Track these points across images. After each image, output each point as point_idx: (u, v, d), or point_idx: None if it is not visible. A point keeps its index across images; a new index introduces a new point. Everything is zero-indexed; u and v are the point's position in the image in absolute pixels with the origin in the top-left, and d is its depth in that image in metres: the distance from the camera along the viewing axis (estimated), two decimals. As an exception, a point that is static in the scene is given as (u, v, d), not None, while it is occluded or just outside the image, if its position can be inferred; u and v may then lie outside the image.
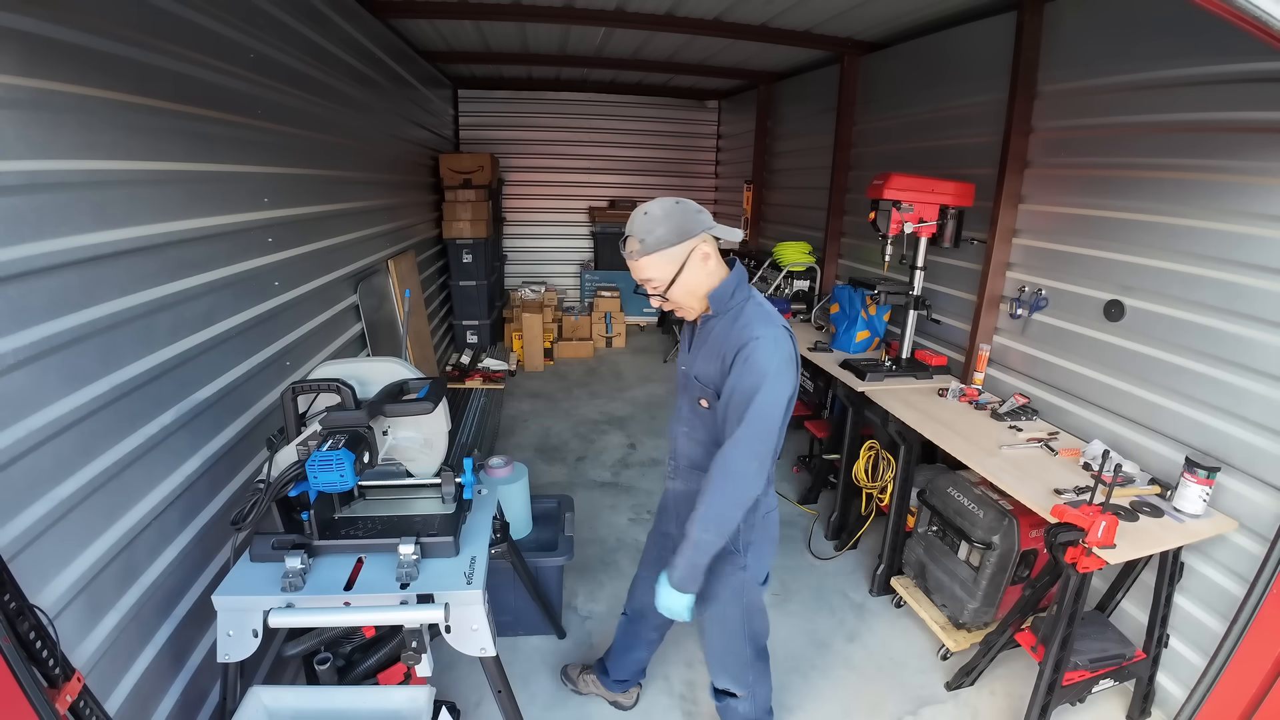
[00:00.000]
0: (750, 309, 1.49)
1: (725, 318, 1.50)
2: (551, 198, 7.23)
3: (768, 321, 1.45)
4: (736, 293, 1.50)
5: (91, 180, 1.41)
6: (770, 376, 1.40)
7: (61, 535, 1.30)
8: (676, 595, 1.55)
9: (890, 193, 2.82)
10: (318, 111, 2.75)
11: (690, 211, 1.44)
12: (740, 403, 1.43)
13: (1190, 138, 2.16)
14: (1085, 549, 1.76)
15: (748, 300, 1.51)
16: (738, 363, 1.42)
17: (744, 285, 1.52)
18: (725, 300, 1.50)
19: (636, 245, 1.43)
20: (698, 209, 1.46)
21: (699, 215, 1.45)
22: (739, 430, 1.43)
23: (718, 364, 1.48)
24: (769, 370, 1.40)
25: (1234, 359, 2.02)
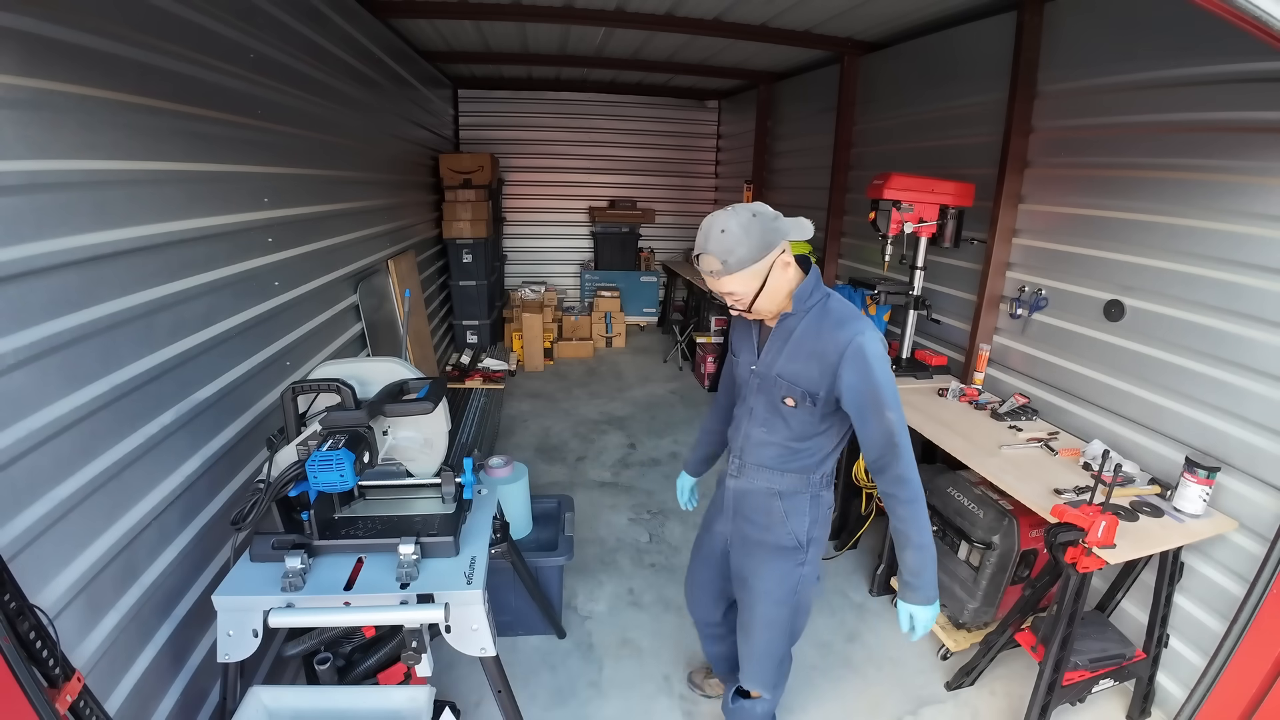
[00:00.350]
0: (834, 305, 1.49)
1: (809, 315, 1.48)
2: (551, 198, 7.23)
3: (857, 317, 1.46)
4: (815, 290, 1.50)
5: (91, 180, 1.41)
6: (882, 364, 1.42)
7: (61, 535, 1.30)
8: (932, 610, 1.52)
9: (890, 193, 2.83)
10: (318, 111, 2.75)
11: (768, 221, 1.39)
12: (875, 396, 1.42)
13: (1190, 138, 2.16)
14: (1085, 549, 1.76)
15: (827, 298, 1.50)
16: (850, 361, 1.41)
17: (820, 284, 1.52)
18: (806, 299, 1.49)
19: (717, 265, 1.39)
20: (773, 215, 1.42)
21: (776, 224, 1.41)
22: (891, 418, 1.42)
23: (815, 363, 1.46)
24: (884, 357, 1.43)
25: (1234, 359, 2.02)
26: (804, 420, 1.53)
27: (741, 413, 1.66)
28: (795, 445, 1.56)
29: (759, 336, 1.59)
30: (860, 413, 1.45)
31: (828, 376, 1.45)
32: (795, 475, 1.59)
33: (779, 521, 1.62)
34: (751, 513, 1.67)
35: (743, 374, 1.64)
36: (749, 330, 1.62)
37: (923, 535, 1.46)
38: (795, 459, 1.58)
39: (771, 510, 1.62)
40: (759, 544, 1.67)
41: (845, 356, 1.41)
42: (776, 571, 1.65)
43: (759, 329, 1.60)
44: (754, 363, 1.58)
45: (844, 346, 1.41)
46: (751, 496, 1.66)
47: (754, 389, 1.59)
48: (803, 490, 1.60)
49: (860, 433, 1.47)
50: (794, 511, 1.61)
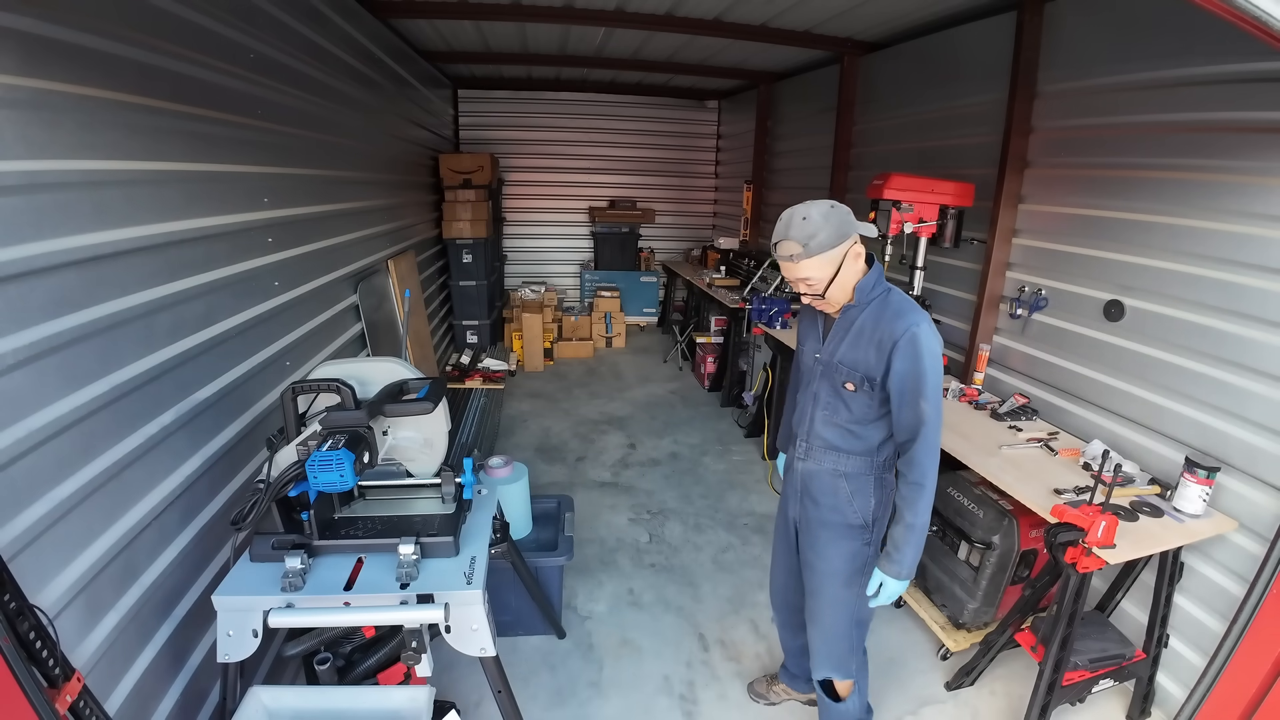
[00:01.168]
0: (894, 298, 1.58)
1: (871, 307, 1.59)
2: (551, 198, 7.23)
3: (916, 309, 1.55)
4: (878, 284, 1.60)
5: (91, 180, 1.41)
6: (932, 357, 1.51)
7: (61, 535, 1.30)
8: (901, 585, 1.62)
9: (890, 193, 2.83)
10: (318, 111, 2.75)
11: (842, 214, 1.52)
12: (916, 385, 1.51)
13: (1190, 138, 2.16)
14: (1085, 549, 1.76)
15: (888, 292, 1.60)
16: (903, 348, 1.51)
17: (883, 276, 1.62)
18: (869, 290, 1.59)
19: (798, 249, 1.50)
20: (847, 210, 1.54)
21: (848, 217, 1.54)
22: (925, 408, 1.51)
23: (873, 351, 1.56)
24: (936, 353, 1.52)
25: (1234, 359, 2.02)
26: (863, 404, 1.62)
27: (806, 398, 1.76)
28: (855, 428, 1.66)
29: (824, 327, 1.71)
30: (900, 397, 1.54)
31: (884, 362, 1.54)
32: (859, 457, 1.68)
33: (845, 501, 1.71)
34: (819, 494, 1.75)
35: (808, 362, 1.75)
36: (815, 322, 1.73)
37: (915, 516, 1.56)
38: (857, 441, 1.67)
39: (838, 490, 1.71)
40: (824, 524, 1.75)
41: (899, 343, 1.51)
42: (844, 550, 1.73)
43: (824, 320, 1.71)
44: (819, 351, 1.69)
45: (900, 334, 1.51)
46: (818, 478, 1.74)
47: (818, 375, 1.70)
48: (866, 472, 1.69)
49: (895, 415, 1.58)
50: (859, 491, 1.70)
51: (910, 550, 1.59)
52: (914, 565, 1.61)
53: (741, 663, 2.42)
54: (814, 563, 1.78)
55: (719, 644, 2.51)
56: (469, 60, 5.26)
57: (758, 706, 2.23)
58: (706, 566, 2.99)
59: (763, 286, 4.72)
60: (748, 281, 5.03)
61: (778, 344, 3.82)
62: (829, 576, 1.75)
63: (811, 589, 1.81)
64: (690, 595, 2.79)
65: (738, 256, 5.78)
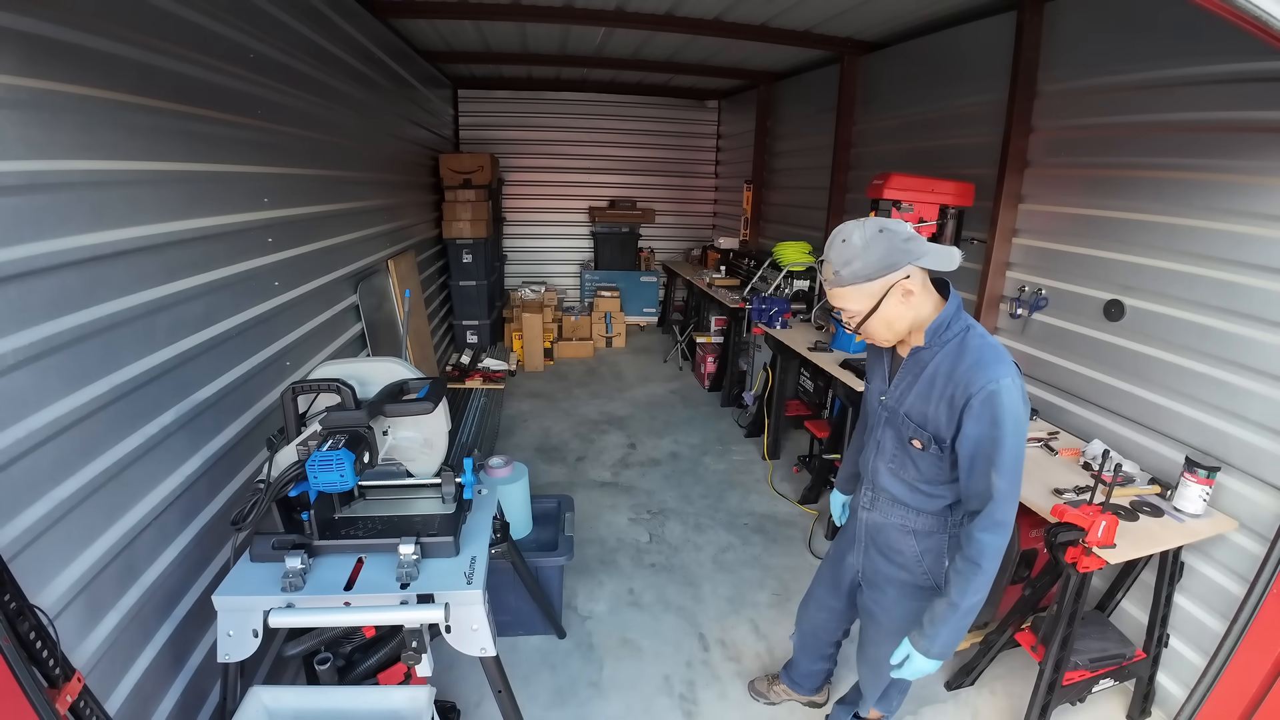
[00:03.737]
0: (973, 341, 1.34)
1: (946, 350, 1.36)
2: (551, 198, 7.23)
3: (1000, 359, 1.30)
4: (954, 323, 1.37)
5: (91, 180, 1.40)
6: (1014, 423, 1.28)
7: (61, 535, 1.30)
8: (932, 664, 1.45)
9: (890, 192, 2.82)
10: (318, 111, 2.75)
11: (895, 242, 1.28)
12: (989, 453, 1.30)
13: (1190, 138, 2.16)
14: (1085, 549, 1.76)
15: (967, 331, 1.36)
16: (977, 409, 1.29)
17: (961, 315, 1.38)
18: (941, 333, 1.37)
19: (831, 274, 1.33)
20: (907, 236, 1.30)
21: (906, 245, 1.29)
22: (997, 482, 1.30)
23: (944, 407, 1.34)
24: (1021, 419, 1.28)
25: (1234, 359, 2.02)
26: (933, 465, 1.43)
27: (870, 444, 1.57)
28: (925, 487, 1.47)
29: (890, 364, 1.49)
30: (969, 463, 1.34)
31: (954, 421, 1.33)
32: (931, 515, 1.50)
33: (914, 560, 1.54)
34: (885, 549, 1.60)
35: (872, 402, 1.56)
36: (881, 355, 1.52)
37: (963, 597, 1.36)
38: (928, 500, 1.49)
39: (906, 547, 1.54)
40: (892, 581, 1.60)
41: (973, 402, 1.29)
42: (910, 610, 1.56)
43: (891, 355, 1.49)
44: (884, 392, 1.50)
45: (975, 391, 1.29)
46: (885, 531, 1.58)
47: (882, 421, 1.51)
48: (939, 530, 1.51)
49: (963, 481, 1.38)
50: (930, 551, 1.53)
51: (947, 631, 1.40)
52: (949, 648, 1.42)
53: (742, 662, 2.42)
54: (878, 615, 1.67)
55: (719, 644, 2.51)
56: (469, 60, 5.26)
57: (758, 706, 2.23)
58: (707, 566, 2.99)
59: (763, 286, 4.72)
60: (748, 281, 5.03)
61: (778, 344, 3.82)
62: (892, 633, 1.59)
63: (870, 638, 1.71)
64: (690, 595, 2.79)
65: (738, 256, 5.78)
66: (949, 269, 1.33)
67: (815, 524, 3.34)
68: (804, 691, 2.18)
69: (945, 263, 1.32)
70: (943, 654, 1.43)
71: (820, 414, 4.00)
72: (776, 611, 2.69)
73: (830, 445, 3.45)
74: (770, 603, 2.74)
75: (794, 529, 3.32)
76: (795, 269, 4.53)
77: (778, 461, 4.05)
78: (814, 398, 4.10)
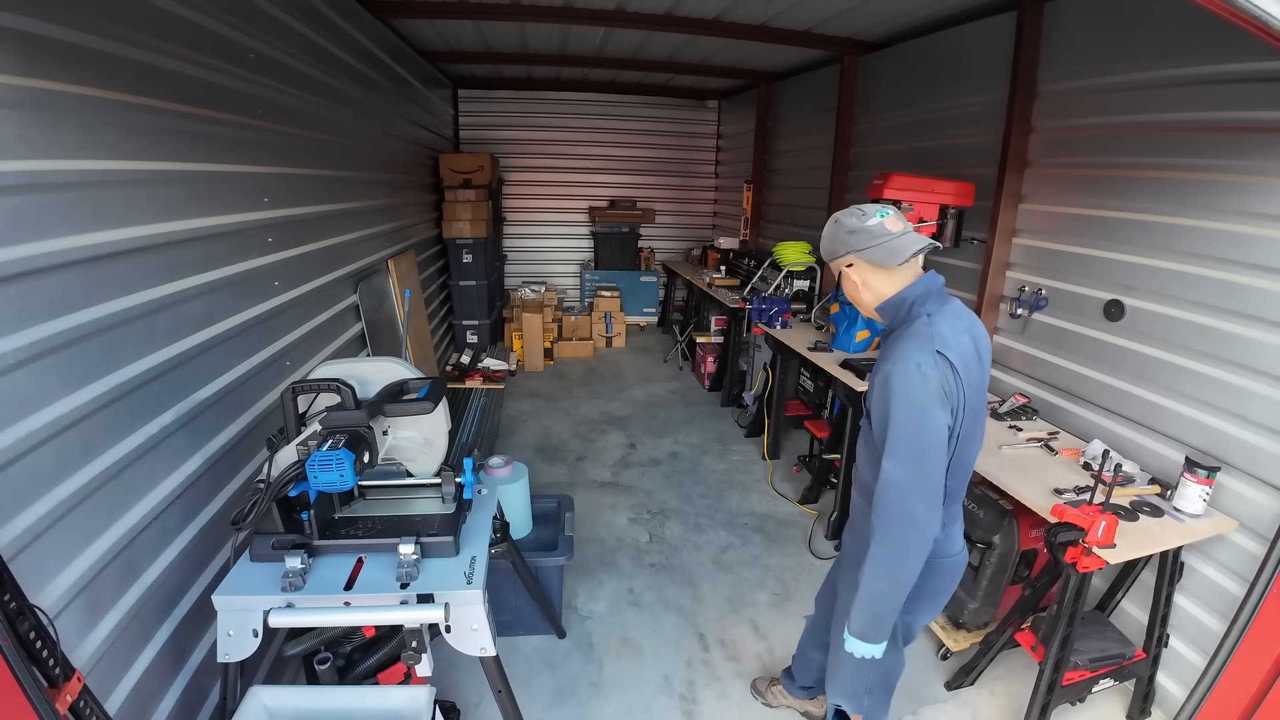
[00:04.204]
0: (919, 328, 1.35)
1: (895, 333, 1.42)
2: (551, 198, 7.23)
3: (918, 346, 1.31)
4: (913, 307, 1.40)
5: (91, 180, 1.41)
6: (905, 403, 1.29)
7: (61, 535, 1.30)
8: (862, 644, 1.48)
9: (890, 192, 2.83)
10: (318, 111, 2.75)
11: (839, 232, 1.43)
12: (882, 437, 1.33)
13: (1190, 138, 2.16)
14: (1085, 549, 1.76)
15: (922, 318, 1.37)
16: (876, 389, 1.36)
17: (926, 301, 1.40)
18: (894, 314, 1.43)
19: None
20: (852, 229, 1.40)
21: (849, 236, 1.41)
22: (888, 467, 1.33)
23: (872, 382, 1.42)
24: (915, 403, 1.28)
25: (1234, 359, 2.02)
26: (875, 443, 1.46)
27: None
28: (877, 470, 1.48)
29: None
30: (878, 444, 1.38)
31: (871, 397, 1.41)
32: None
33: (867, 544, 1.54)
34: (856, 529, 1.64)
35: None
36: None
37: (864, 578, 1.41)
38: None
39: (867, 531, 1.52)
40: (852, 561, 1.62)
41: (874, 381, 1.38)
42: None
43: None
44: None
45: (879, 371, 1.36)
46: (856, 510, 1.63)
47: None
48: None
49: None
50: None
51: (858, 612, 1.44)
52: (864, 629, 1.45)
53: (741, 662, 2.42)
54: (841, 593, 1.72)
55: (719, 644, 2.51)
56: (469, 60, 5.26)
57: (758, 706, 2.23)
58: (706, 566, 2.99)
59: (763, 286, 4.72)
60: (748, 281, 5.02)
61: (778, 344, 3.82)
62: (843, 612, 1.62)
63: (836, 619, 1.75)
64: (690, 595, 2.79)
65: (738, 256, 5.78)
66: (888, 265, 1.39)
67: (815, 524, 3.34)
68: (798, 695, 2.17)
69: (887, 258, 1.39)
70: (860, 634, 1.46)
71: (820, 414, 4.00)
72: (776, 612, 2.69)
73: (830, 445, 3.45)
74: (770, 603, 2.74)
75: (794, 529, 3.32)
76: (795, 269, 4.53)
77: (778, 461, 4.05)
78: (814, 398, 4.11)
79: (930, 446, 1.31)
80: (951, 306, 1.44)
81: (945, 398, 1.31)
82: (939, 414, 1.30)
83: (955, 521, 1.56)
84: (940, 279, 1.45)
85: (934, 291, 1.42)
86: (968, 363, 1.37)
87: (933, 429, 1.30)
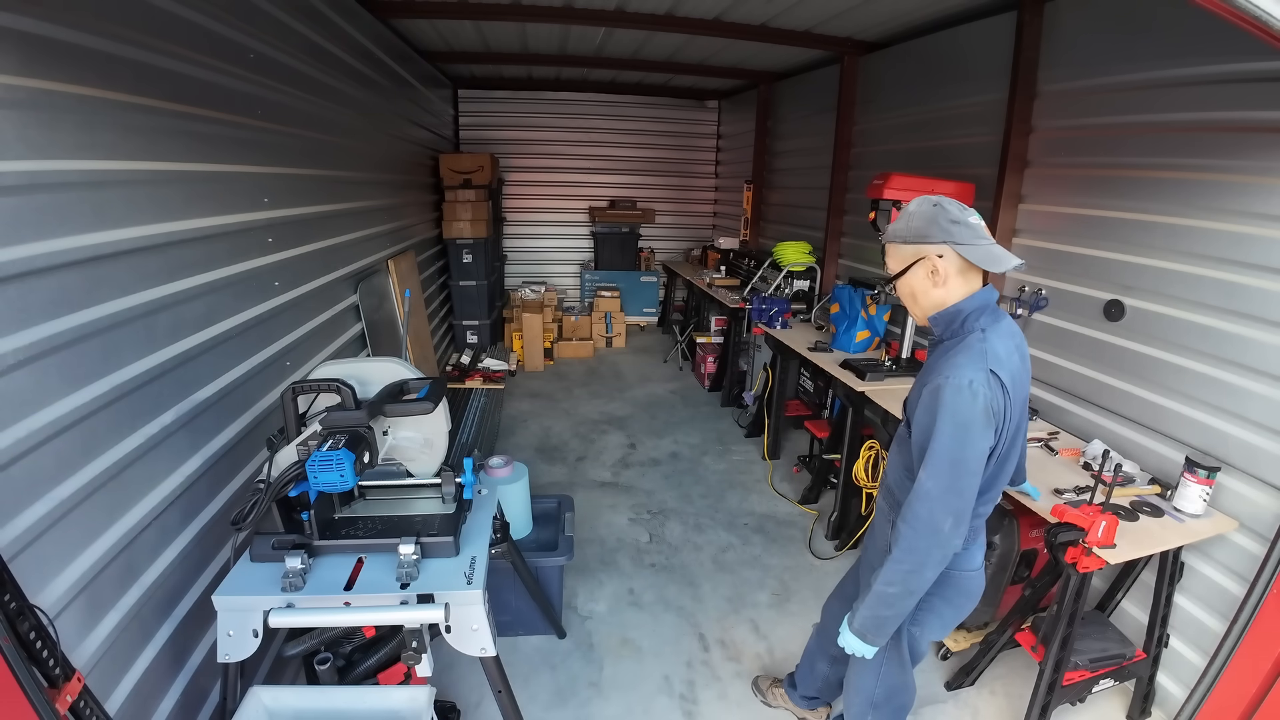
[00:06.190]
0: (973, 343, 1.32)
1: (948, 343, 1.39)
2: (551, 198, 7.23)
3: (972, 361, 1.29)
4: (967, 320, 1.37)
5: (91, 180, 1.41)
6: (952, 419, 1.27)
7: (62, 535, 1.30)
8: (856, 640, 1.49)
9: (890, 192, 2.82)
10: (318, 111, 2.75)
11: (941, 219, 1.33)
12: (923, 447, 1.33)
13: (1190, 138, 2.16)
14: (1085, 549, 1.76)
15: (977, 333, 1.34)
16: (926, 400, 1.32)
17: (981, 315, 1.37)
18: (947, 325, 1.40)
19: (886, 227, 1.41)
20: (955, 219, 1.32)
21: (950, 226, 1.32)
22: (924, 479, 1.32)
23: (918, 392, 1.39)
24: (963, 421, 1.27)
25: (1234, 359, 2.02)
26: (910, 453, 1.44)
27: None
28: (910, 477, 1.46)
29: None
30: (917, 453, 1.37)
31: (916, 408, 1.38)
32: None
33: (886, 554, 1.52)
34: (878, 535, 1.62)
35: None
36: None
37: (879, 581, 1.41)
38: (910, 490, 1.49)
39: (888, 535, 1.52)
40: (873, 567, 1.59)
41: (924, 394, 1.34)
42: None
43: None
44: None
45: (930, 381, 1.33)
46: (879, 515, 1.62)
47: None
48: None
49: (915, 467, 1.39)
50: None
51: (864, 610, 1.45)
52: (866, 627, 1.46)
53: (742, 662, 2.42)
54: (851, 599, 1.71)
55: (719, 644, 2.51)
56: (469, 60, 5.26)
57: (758, 706, 2.23)
58: (707, 566, 2.99)
59: (763, 286, 4.72)
60: (748, 281, 5.03)
61: (778, 344, 3.82)
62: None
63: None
64: (690, 595, 2.79)
65: (738, 256, 5.78)
66: (990, 269, 1.34)
67: (815, 524, 3.34)
68: (800, 704, 2.15)
69: (987, 261, 1.33)
70: (861, 630, 1.47)
71: (820, 414, 4.00)
72: (776, 612, 2.69)
73: (830, 445, 3.45)
74: (770, 603, 2.74)
75: (794, 529, 3.32)
76: (795, 269, 4.53)
77: (778, 461, 4.05)
78: (814, 398, 4.11)
79: (968, 464, 1.30)
80: (1005, 323, 1.40)
81: (992, 418, 1.29)
82: (982, 434, 1.29)
83: (976, 538, 1.54)
84: (995, 294, 1.41)
85: (989, 307, 1.39)
86: (1017, 381, 1.35)
87: (974, 447, 1.30)
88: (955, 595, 1.55)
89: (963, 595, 1.56)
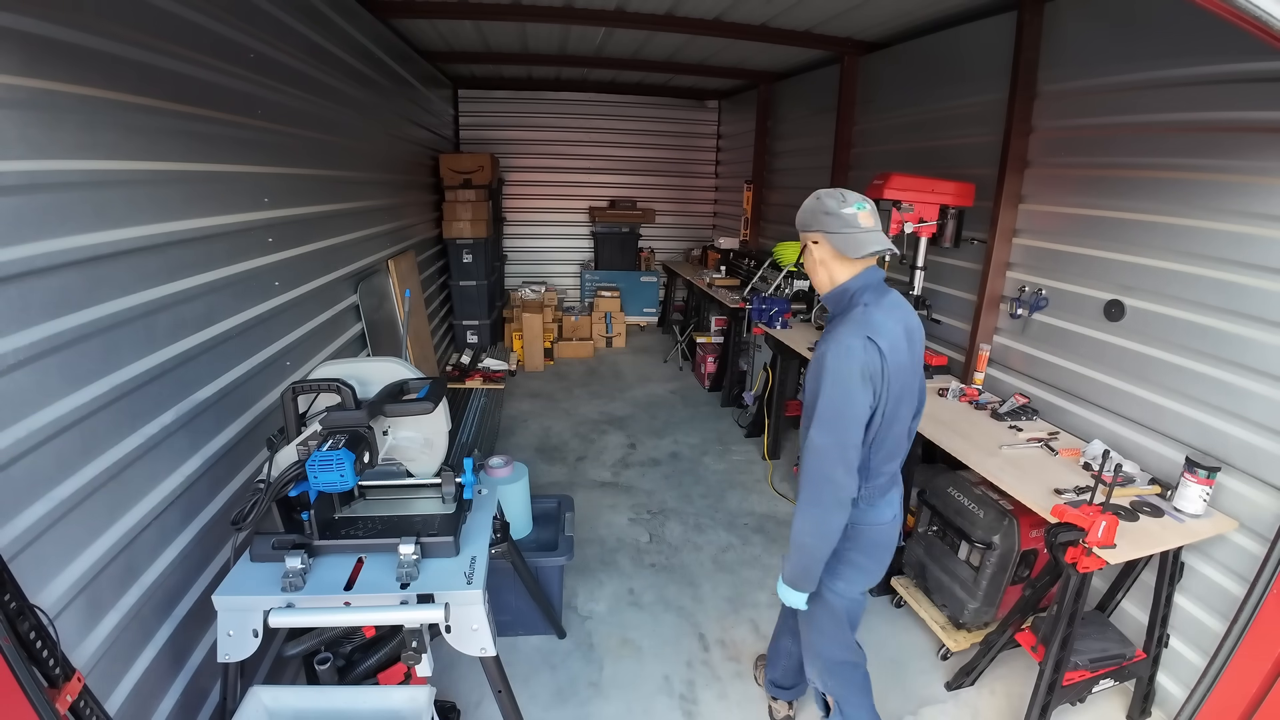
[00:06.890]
0: (856, 315, 1.49)
1: (835, 319, 1.55)
2: (551, 198, 7.23)
3: (854, 330, 1.45)
4: (854, 297, 1.53)
5: (91, 180, 1.41)
6: (833, 379, 1.44)
7: (62, 535, 1.30)
8: (791, 592, 1.65)
9: (890, 192, 2.83)
10: (318, 111, 2.75)
11: (817, 209, 1.51)
12: (811, 407, 1.50)
13: (1190, 138, 2.15)
14: (1085, 549, 1.76)
15: (859, 307, 1.50)
16: (812, 364, 1.50)
17: (865, 292, 1.52)
18: (837, 302, 1.57)
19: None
20: (827, 211, 1.50)
21: (823, 216, 1.50)
22: (814, 434, 1.48)
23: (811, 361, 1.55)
24: (841, 378, 1.43)
25: (1234, 359, 2.02)
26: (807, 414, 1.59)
27: None
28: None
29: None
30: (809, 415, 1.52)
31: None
32: None
33: None
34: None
35: None
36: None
37: (797, 536, 1.58)
38: None
39: None
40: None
41: (811, 362, 1.50)
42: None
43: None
44: None
45: (819, 349, 1.49)
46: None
47: None
48: None
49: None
50: None
51: (788, 563, 1.63)
52: (792, 577, 1.63)
53: (742, 662, 2.42)
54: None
55: (719, 644, 2.51)
56: (469, 60, 5.26)
57: (757, 706, 2.23)
58: (707, 566, 2.99)
59: (763, 286, 4.72)
60: (748, 281, 5.03)
61: (778, 344, 3.82)
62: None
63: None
64: (690, 595, 2.79)
65: (738, 256, 5.78)
66: (850, 255, 1.49)
67: (815, 524, 3.33)
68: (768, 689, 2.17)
69: (849, 248, 1.48)
70: (791, 581, 1.64)
71: (820, 414, 4.00)
72: (776, 612, 2.68)
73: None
74: (770, 603, 2.74)
75: (794, 529, 3.31)
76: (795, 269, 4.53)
77: (778, 461, 4.05)
78: (814, 398, 4.10)
79: (850, 418, 1.46)
80: (889, 298, 1.56)
81: (868, 379, 1.44)
82: (861, 391, 1.44)
83: (884, 494, 1.66)
84: (881, 272, 1.58)
85: (873, 284, 1.55)
86: (896, 346, 1.49)
87: (852, 402, 1.45)
88: (870, 546, 1.68)
89: (877, 547, 1.70)
